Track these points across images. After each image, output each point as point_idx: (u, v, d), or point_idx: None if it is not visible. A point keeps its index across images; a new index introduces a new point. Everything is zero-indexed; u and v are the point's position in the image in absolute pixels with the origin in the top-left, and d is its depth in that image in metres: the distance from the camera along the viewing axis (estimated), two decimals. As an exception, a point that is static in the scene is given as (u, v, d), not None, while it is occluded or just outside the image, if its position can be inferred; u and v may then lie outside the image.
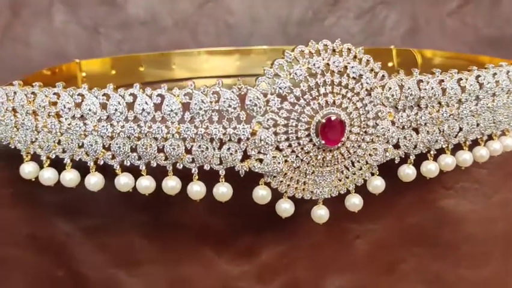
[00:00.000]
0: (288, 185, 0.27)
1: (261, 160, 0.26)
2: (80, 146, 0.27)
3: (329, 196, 0.28)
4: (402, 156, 0.28)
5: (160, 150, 0.26)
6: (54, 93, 0.26)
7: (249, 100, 0.25)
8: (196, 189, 0.27)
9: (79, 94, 0.26)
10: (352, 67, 0.26)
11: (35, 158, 0.29)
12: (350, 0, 0.62)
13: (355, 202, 0.28)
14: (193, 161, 0.26)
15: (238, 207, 0.31)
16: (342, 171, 0.27)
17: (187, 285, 0.35)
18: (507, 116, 0.30)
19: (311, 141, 0.26)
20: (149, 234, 0.34)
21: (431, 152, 0.29)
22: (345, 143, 0.26)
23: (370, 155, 0.27)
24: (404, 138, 0.27)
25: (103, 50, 0.56)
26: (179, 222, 0.34)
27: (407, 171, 0.29)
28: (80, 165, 0.28)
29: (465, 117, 0.28)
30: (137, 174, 0.28)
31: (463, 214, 0.39)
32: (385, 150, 0.27)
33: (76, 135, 0.26)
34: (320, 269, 0.37)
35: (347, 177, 0.28)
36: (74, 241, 0.34)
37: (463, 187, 0.39)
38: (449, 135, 0.28)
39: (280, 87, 0.25)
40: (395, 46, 0.58)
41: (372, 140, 0.27)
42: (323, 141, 0.25)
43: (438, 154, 0.30)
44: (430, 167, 0.29)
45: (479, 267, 0.40)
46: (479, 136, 0.30)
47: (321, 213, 0.28)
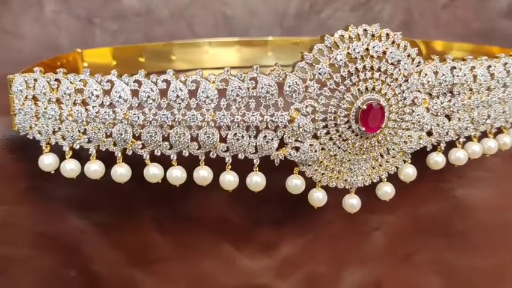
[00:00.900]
0: (323, 174, 0.27)
1: (297, 148, 0.25)
2: (108, 135, 0.25)
3: (362, 185, 0.28)
4: (435, 144, 0.28)
5: (193, 139, 0.25)
6: (81, 80, 0.25)
7: (288, 86, 0.24)
8: (229, 179, 0.26)
9: (108, 81, 0.25)
10: (391, 52, 0.25)
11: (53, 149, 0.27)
12: (346, -7, 0.62)
13: (387, 191, 0.28)
14: (227, 149, 0.25)
15: (256, 200, 0.30)
16: (376, 159, 0.27)
17: (205, 282, 0.34)
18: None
19: (350, 128, 0.25)
20: (166, 230, 0.33)
21: (460, 139, 0.29)
22: (383, 129, 0.26)
23: (405, 142, 0.27)
24: (437, 125, 0.27)
25: (98, 41, 0.54)
26: (196, 217, 0.33)
27: (437, 159, 0.29)
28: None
29: (493, 104, 0.29)
30: (164, 164, 0.27)
31: (476, 203, 0.39)
32: (419, 138, 0.27)
33: (104, 124, 0.25)
34: (339, 261, 0.37)
35: (381, 165, 0.27)
36: (88, 238, 0.32)
37: (476, 176, 0.39)
38: (478, 122, 0.28)
39: (320, 73, 0.24)
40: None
41: (408, 127, 0.27)
42: (363, 128, 0.25)
43: (464, 142, 0.30)
44: (459, 155, 0.29)
45: (493, 256, 0.40)
46: (503, 124, 0.30)
47: (353, 203, 0.28)
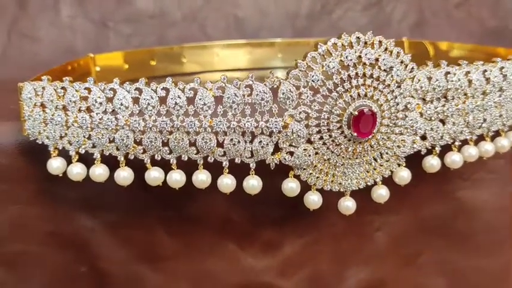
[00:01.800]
0: (317, 178, 0.27)
1: (291, 153, 0.26)
2: (111, 141, 0.27)
3: (357, 188, 0.28)
4: (429, 148, 0.28)
5: (191, 144, 0.26)
6: (86, 88, 0.26)
7: (282, 93, 0.25)
8: (227, 182, 0.27)
9: (111, 89, 0.26)
10: (383, 59, 0.26)
11: (61, 153, 0.29)
12: (357, -7, 0.62)
13: (382, 193, 0.29)
14: (224, 154, 0.26)
15: (259, 201, 0.31)
16: (370, 163, 0.28)
17: (210, 280, 0.35)
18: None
19: (343, 133, 0.26)
20: (172, 229, 0.34)
21: (456, 143, 0.29)
22: (375, 135, 0.26)
23: (398, 146, 0.27)
24: (431, 129, 0.28)
25: (112, 44, 0.56)
26: (201, 216, 0.34)
27: (432, 162, 0.29)
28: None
29: (489, 108, 0.29)
30: (167, 168, 0.28)
31: (480, 204, 0.39)
32: (413, 142, 0.28)
33: (107, 130, 0.26)
34: (342, 261, 0.38)
35: (375, 169, 0.28)
36: (97, 236, 0.34)
37: (479, 178, 0.39)
38: (474, 126, 0.29)
39: (313, 80, 0.25)
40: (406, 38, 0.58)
41: (401, 132, 0.27)
42: (354, 134, 0.26)
43: (461, 146, 0.30)
44: (454, 158, 0.29)
45: (497, 256, 0.40)
46: (500, 127, 0.30)
47: (348, 205, 0.28)
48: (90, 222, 0.34)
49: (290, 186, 0.27)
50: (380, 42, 0.26)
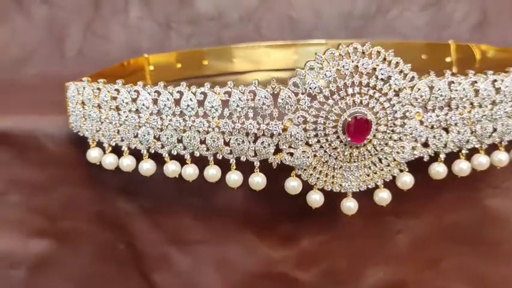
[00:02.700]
0: (318, 178, 0.29)
1: (291, 154, 0.28)
2: (135, 136, 0.30)
3: (357, 190, 0.30)
4: (432, 155, 0.29)
5: (202, 142, 0.29)
6: (115, 89, 0.30)
7: (281, 99, 0.27)
8: (234, 178, 0.30)
9: (135, 90, 0.30)
10: (381, 69, 0.27)
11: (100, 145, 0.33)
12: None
13: (383, 197, 0.30)
14: (231, 152, 0.29)
15: (280, 196, 0.33)
16: (369, 167, 0.29)
17: (231, 266, 0.38)
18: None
19: (338, 138, 0.28)
20: (199, 216, 0.38)
21: (463, 151, 0.29)
22: (371, 140, 0.28)
23: (397, 152, 0.28)
24: (434, 137, 0.28)
25: (174, 44, 0.60)
26: (224, 207, 0.37)
27: (438, 169, 0.30)
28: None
29: (499, 118, 0.29)
30: (184, 162, 0.31)
31: (508, 213, 0.39)
32: (413, 148, 0.28)
33: (132, 126, 0.30)
34: (361, 259, 0.39)
35: (375, 173, 0.29)
36: (134, 219, 0.38)
37: (509, 186, 0.38)
38: (482, 135, 0.29)
39: (310, 87, 0.27)
40: (463, 40, 0.57)
41: (400, 138, 0.28)
42: (348, 139, 0.27)
43: (472, 153, 0.30)
44: (462, 166, 0.30)
45: (525, 268, 0.39)
46: (516, 137, 0.30)
47: (349, 206, 0.30)
48: (128, 206, 0.38)
49: (292, 184, 0.29)
50: (378, 52, 0.27)
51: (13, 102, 0.41)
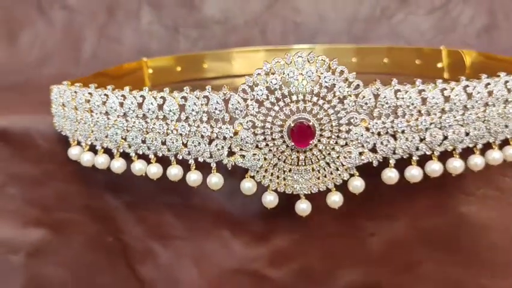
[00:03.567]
0: (270, 180, 0.31)
1: (243, 156, 0.30)
2: (106, 136, 0.33)
3: (309, 192, 0.31)
4: (380, 160, 0.30)
5: (163, 143, 0.31)
6: (89, 93, 0.33)
7: (231, 104, 0.29)
8: (194, 177, 0.32)
9: (105, 94, 0.32)
10: (325, 77, 0.28)
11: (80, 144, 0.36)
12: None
13: (335, 200, 0.31)
14: (189, 153, 0.31)
15: (251, 196, 0.35)
16: (318, 171, 0.30)
17: (207, 261, 0.40)
18: (505, 126, 0.30)
19: (284, 142, 0.29)
20: (179, 213, 0.40)
21: (414, 157, 0.30)
22: (317, 145, 0.29)
23: (344, 157, 0.29)
24: (381, 143, 0.29)
25: (181, 47, 0.63)
26: (201, 204, 0.39)
27: (389, 175, 0.30)
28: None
29: (448, 126, 0.29)
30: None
31: (486, 222, 0.38)
32: (360, 154, 0.29)
33: (103, 127, 0.33)
34: (334, 260, 0.40)
35: (325, 176, 0.30)
36: (120, 213, 0.41)
37: (485, 194, 0.38)
38: (432, 143, 0.29)
39: (258, 94, 0.28)
40: (469, 44, 0.57)
41: (347, 144, 0.29)
42: (292, 143, 0.28)
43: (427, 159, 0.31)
44: (413, 172, 0.30)
45: (501, 277, 0.39)
46: (471, 145, 0.30)
47: (303, 207, 0.31)
48: (115, 201, 0.41)
49: (247, 185, 0.31)
50: (322, 61, 0.28)
51: (14, 101, 0.45)
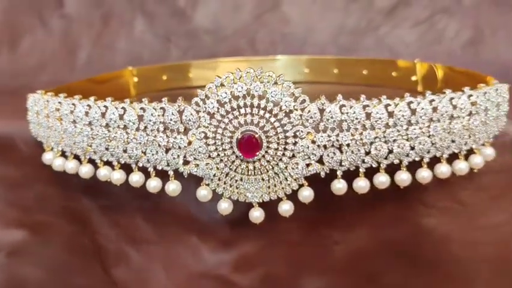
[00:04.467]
0: (224, 188, 0.32)
1: (197, 165, 0.31)
2: (74, 143, 0.35)
3: (261, 201, 0.32)
4: (327, 172, 0.31)
5: (124, 151, 0.33)
6: (59, 102, 0.35)
7: (185, 116, 0.31)
8: (153, 184, 0.33)
9: (73, 104, 0.34)
10: (272, 92, 0.29)
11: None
12: (407, 9, 0.62)
13: (285, 208, 0.32)
14: (148, 161, 0.33)
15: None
16: (268, 180, 0.31)
17: (177, 265, 0.42)
18: (452, 141, 0.31)
19: (234, 153, 0.30)
20: (150, 218, 0.42)
21: (360, 169, 0.31)
22: (264, 156, 0.30)
23: (292, 168, 0.31)
24: (327, 156, 0.30)
25: (172, 56, 0.65)
26: (171, 210, 0.41)
27: (338, 186, 0.32)
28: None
29: (393, 140, 0.30)
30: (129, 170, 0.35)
31: (446, 234, 0.39)
32: (307, 165, 0.31)
33: (71, 135, 0.34)
34: (298, 268, 0.41)
35: (275, 186, 0.32)
36: (95, 216, 0.43)
37: (445, 206, 0.39)
38: (377, 156, 0.31)
39: (209, 107, 0.30)
40: (455, 57, 0.57)
41: (294, 155, 0.30)
42: (241, 154, 0.30)
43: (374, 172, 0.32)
44: (361, 184, 0.31)
45: (464, 290, 0.39)
46: (417, 158, 0.31)
47: (256, 215, 0.33)
48: (90, 204, 0.43)
49: (202, 193, 0.32)
50: (269, 76, 0.29)
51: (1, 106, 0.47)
